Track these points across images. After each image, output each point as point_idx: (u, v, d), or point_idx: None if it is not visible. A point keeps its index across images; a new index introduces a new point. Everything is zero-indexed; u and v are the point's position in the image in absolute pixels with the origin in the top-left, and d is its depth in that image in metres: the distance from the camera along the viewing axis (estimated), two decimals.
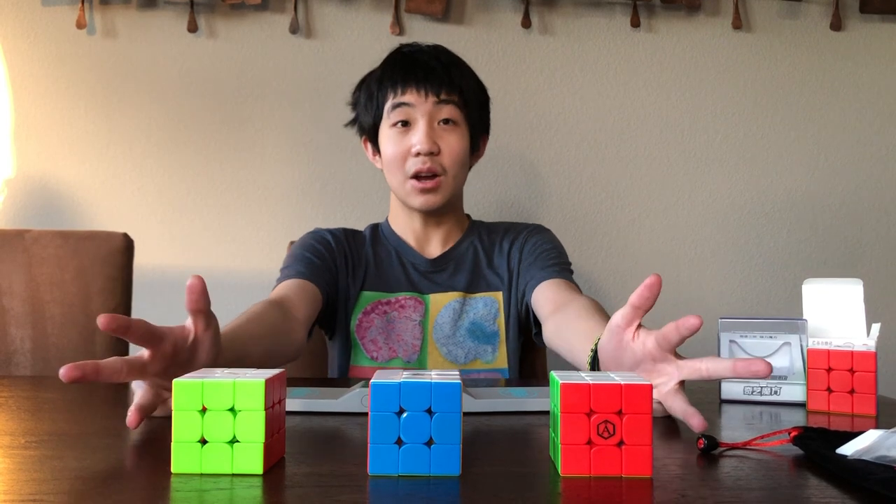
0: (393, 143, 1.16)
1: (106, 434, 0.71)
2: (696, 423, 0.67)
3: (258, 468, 0.55)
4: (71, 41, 1.64)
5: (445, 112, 1.16)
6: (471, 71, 1.22)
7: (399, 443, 0.54)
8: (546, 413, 0.78)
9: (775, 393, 0.91)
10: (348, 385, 0.88)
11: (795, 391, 0.90)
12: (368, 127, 1.22)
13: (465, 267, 1.22)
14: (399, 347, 1.17)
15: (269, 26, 1.66)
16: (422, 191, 1.16)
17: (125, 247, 1.31)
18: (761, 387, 0.92)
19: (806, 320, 0.92)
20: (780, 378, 0.91)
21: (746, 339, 0.94)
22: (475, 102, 1.21)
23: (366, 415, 0.56)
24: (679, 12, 1.71)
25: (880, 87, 1.74)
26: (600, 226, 1.70)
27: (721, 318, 0.96)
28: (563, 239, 1.30)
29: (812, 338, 0.90)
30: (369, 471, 0.54)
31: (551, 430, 0.60)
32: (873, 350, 0.84)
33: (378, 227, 1.27)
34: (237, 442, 0.55)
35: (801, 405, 0.89)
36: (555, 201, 1.70)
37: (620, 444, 0.55)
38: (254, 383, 0.55)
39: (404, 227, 1.24)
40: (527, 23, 1.67)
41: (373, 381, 0.54)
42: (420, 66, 1.16)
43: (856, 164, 1.74)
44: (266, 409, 0.55)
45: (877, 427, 0.66)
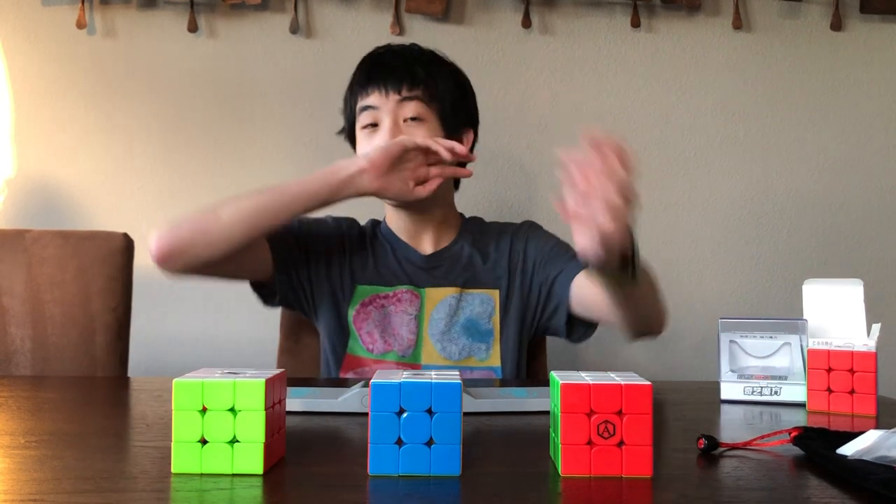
0: (362, 147, 1.18)
1: (106, 434, 0.71)
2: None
3: (258, 468, 0.55)
4: (71, 41, 1.64)
5: (410, 109, 1.15)
6: (444, 64, 1.21)
7: (399, 443, 0.54)
8: (546, 413, 0.78)
9: (775, 393, 0.91)
10: (348, 385, 0.88)
11: (795, 391, 0.90)
12: (347, 132, 1.24)
13: (460, 265, 1.22)
14: (394, 342, 1.17)
15: (269, 26, 1.66)
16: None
17: (125, 247, 1.31)
18: (761, 387, 0.92)
19: (806, 320, 0.92)
20: (780, 378, 0.91)
21: (746, 339, 0.94)
22: (447, 96, 1.19)
23: (366, 415, 0.56)
24: (679, 12, 1.71)
25: (880, 87, 1.74)
26: None
27: (721, 318, 0.96)
28: (563, 239, 1.30)
29: (812, 338, 0.90)
30: (369, 471, 0.54)
31: (551, 430, 0.60)
32: (873, 350, 0.84)
33: (377, 224, 1.28)
34: (237, 442, 0.55)
35: (801, 405, 0.89)
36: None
37: (620, 444, 0.55)
38: (254, 383, 0.55)
39: (397, 225, 1.25)
40: (527, 23, 1.67)
41: (373, 381, 0.54)
42: (382, 67, 1.17)
43: (856, 164, 1.74)
44: (266, 409, 0.55)
45: (877, 427, 0.66)
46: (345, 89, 1.24)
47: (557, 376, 0.58)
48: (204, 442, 0.55)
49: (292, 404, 0.79)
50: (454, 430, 0.54)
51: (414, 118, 1.15)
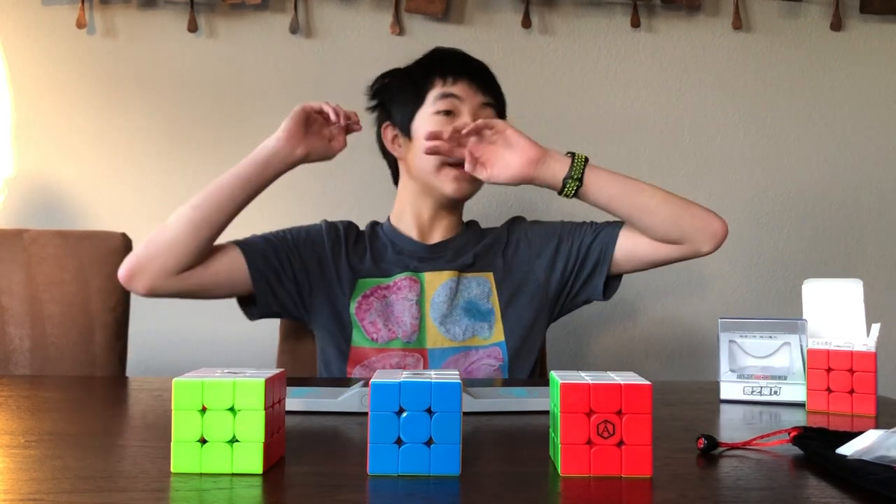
0: (425, 127, 1.19)
1: (106, 434, 0.71)
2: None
3: (258, 468, 0.55)
4: (71, 41, 1.64)
5: (485, 114, 1.21)
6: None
7: (399, 442, 0.54)
8: (546, 413, 0.78)
9: (775, 393, 0.91)
10: (348, 385, 0.88)
11: (795, 391, 0.90)
12: (401, 113, 1.24)
13: (459, 254, 1.25)
14: (398, 329, 1.19)
15: (269, 26, 1.66)
16: (456, 178, 1.19)
17: (124, 246, 1.31)
18: (761, 387, 0.92)
19: (806, 320, 0.92)
20: (780, 378, 0.91)
21: (746, 339, 0.94)
22: (503, 115, 1.27)
23: (366, 414, 0.56)
24: (679, 12, 1.71)
25: (880, 87, 1.74)
26: None
27: (721, 318, 0.96)
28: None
29: (812, 338, 0.90)
30: (369, 470, 0.54)
31: (551, 430, 0.60)
32: (873, 350, 0.84)
33: (377, 224, 1.30)
34: (237, 441, 0.55)
35: (800, 405, 0.89)
36: (554, 201, 1.69)
37: (620, 444, 0.55)
38: (254, 383, 0.55)
39: (411, 218, 1.26)
40: (527, 23, 1.67)
41: (373, 380, 0.54)
42: (472, 64, 1.24)
43: (856, 164, 1.74)
44: (266, 409, 0.55)
45: (876, 427, 0.66)
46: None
47: (557, 376, 0.58)
48: (203, 441, 0.55)
49: (292, 404, 0.79)
50: (454, 429, 0.54)
51: None
